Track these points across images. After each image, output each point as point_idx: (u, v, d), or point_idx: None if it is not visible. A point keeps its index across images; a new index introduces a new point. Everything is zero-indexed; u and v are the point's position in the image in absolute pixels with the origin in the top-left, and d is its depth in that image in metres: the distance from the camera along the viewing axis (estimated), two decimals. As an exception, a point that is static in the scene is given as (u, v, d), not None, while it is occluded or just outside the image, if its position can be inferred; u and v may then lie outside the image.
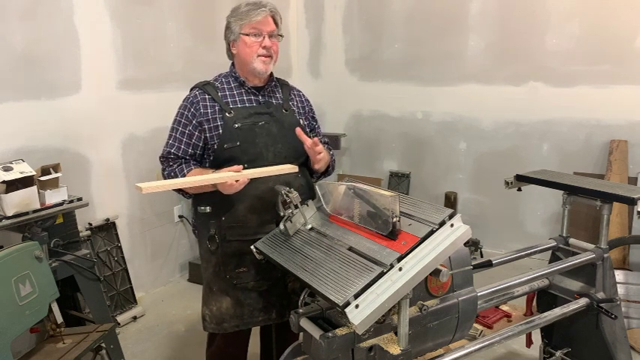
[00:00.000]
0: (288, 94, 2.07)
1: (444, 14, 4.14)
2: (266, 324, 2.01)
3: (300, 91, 2.16)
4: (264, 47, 1.90)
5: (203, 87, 1.96)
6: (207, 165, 1.95)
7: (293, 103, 2.07)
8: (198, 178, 1.75)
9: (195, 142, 1.92)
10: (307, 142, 1.85)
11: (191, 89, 2.00)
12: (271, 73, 2.03)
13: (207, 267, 2.00)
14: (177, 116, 1.96)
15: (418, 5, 4.24)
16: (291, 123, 1.98)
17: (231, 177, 1.71)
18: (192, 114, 1.92)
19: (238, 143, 1.87)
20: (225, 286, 1.94)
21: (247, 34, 1.90)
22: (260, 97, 1.98)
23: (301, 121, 2.05)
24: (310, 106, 2.17)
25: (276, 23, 1.93)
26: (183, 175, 1.90)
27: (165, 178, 1.95)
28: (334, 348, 1.38)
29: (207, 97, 1.93)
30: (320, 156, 1.91)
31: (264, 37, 1.90)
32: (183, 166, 1.92)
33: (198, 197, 1.96)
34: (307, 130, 2.07)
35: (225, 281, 1.94)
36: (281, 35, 1.97)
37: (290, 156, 1.95)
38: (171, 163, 1.95)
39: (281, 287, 1.95)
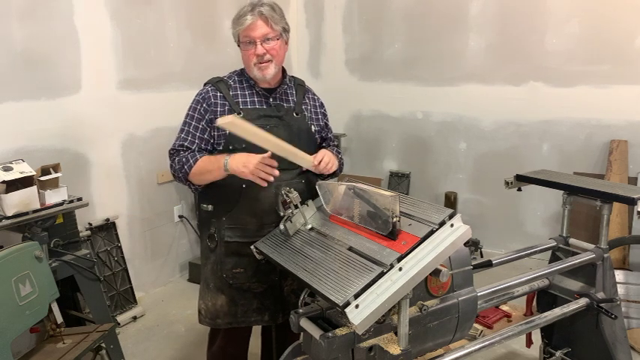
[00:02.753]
0: (302, 97, 2.02)
1: (444, 14, 4.13)
2: (259, 325, 2.02)
3: (315, 95, 2.11)
4: (257, 55, 1.84)
5: (216, 84, 1.93)
6: None
7: (306, 107, 2.02)
8: (276, 140, 1.67)
9: (207, 137, 1.90)
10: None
11: (204, 84, 1.98)
12: (285, 73, 1.99)
13: (205, 263, 2.02)
14: (189, 111, 1.94)
15: (418, 5, 4.24)
16: (300, 128, 1.95)
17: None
18: (204, 109, 1.90)
19: (244, 145, 1.81)
20: (220, 284, 1.95)
21: (242, 43, 1.87)
22: (271, 100, 1.94)
23: (312, 127, 2.01)
24: (324, 111, 2.12)
25: (270, 24, 1.83)
26: (195, 161, 1.84)
27: (173, 170, 1.91)
28: (334, 348, 1.38)
29: (218, 94, 1.91)
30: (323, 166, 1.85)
31: (255, 45, 1.83)
32: (196, 153, 1.88)
33: (202, 194, 1.96)
34: (317, 136, 2.04)
35: (221, 280, 1.95)
36: (283, 33, 1.88)
37: None
38: (181, 153, 1.90)
39: (277, 291, 1.96)
